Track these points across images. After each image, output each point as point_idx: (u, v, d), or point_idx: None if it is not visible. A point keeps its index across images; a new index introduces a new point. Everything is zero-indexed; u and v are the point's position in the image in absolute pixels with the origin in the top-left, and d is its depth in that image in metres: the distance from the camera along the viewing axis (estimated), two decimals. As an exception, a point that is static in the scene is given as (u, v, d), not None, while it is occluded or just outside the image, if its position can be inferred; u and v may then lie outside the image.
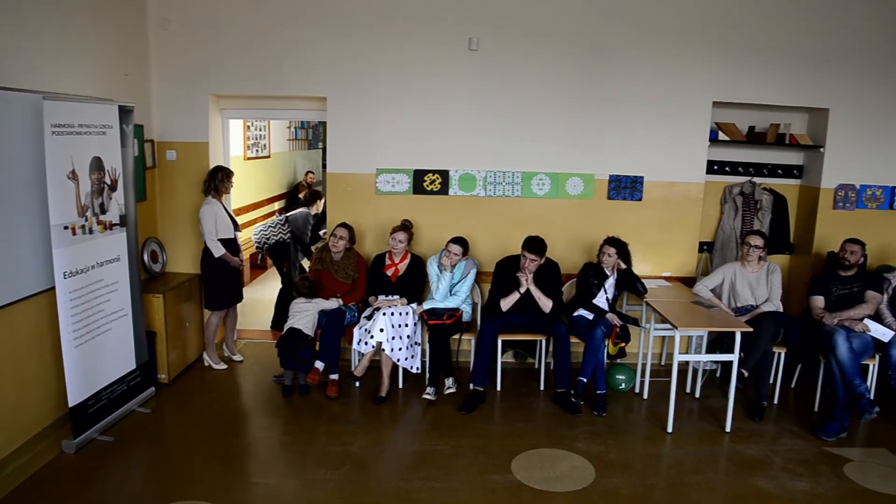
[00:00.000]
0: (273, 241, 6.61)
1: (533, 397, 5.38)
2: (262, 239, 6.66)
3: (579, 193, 5.90)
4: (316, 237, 6.91)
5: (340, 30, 5.60)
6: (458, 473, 4.15)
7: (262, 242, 6.66)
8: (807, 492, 4.07)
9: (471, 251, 5.52)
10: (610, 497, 3.94)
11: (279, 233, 6.64)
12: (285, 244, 6.62)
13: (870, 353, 5.04)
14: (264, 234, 6.68)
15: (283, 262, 6.65)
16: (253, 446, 4.51)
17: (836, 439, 4.74)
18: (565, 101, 5.75)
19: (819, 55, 5.80)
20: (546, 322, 5.25)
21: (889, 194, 6.10)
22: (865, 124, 5.94)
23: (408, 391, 5.36)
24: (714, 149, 6.06)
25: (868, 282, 5.27)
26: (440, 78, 5.68)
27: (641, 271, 5.71)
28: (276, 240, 6.61)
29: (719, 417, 5.00)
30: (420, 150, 5.79)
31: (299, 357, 5.18)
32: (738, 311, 5.33)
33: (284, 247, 6.62)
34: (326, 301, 5.34)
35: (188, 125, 5.72)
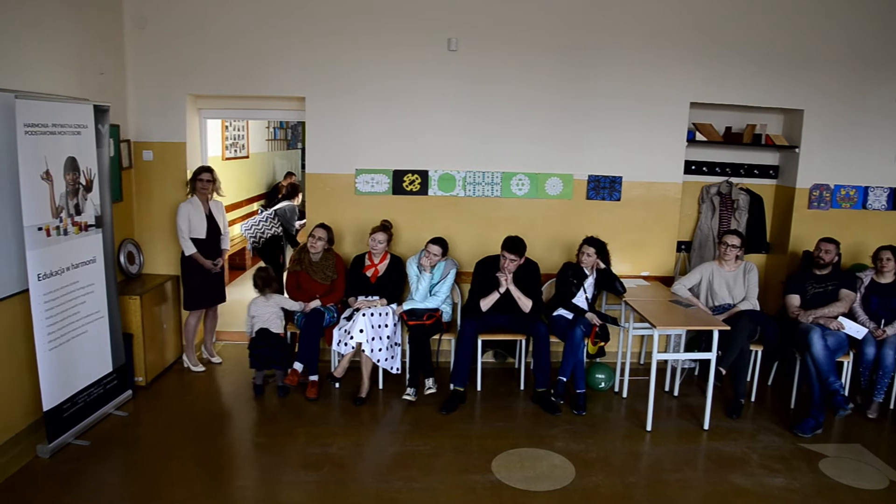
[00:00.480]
0: (269, 235, 6.63)
1: (513, 397, 5.39)
2: (257, 234, 6.65)
3: (558, 193, 5.92)
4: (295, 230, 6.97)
5: (319, 30, 5.58)
6: (438, 474, 4.14)
7: (258, 238, 6.65)
8: (783, 488, 4.12)
9: (450, 251, 5.52)
10: (590, 496, 3.96)
11: (272, 227, 6.65)
12: (278, 237, 6.65)
13: (844, 351, 5.11)
14: (258, 230, 6.67)
15: (278, 255, 6.69)
16: (231, 449, 4.47)
17: (811, 436, 4.80)
18: (544, 101, 5.77)
19: (794, 57, 5.87)
20: (526, 322, 5.26)
21: (862, 194, 6.19)
22: (839, 125, 6.03)
23: (388, 392, 5.35)
24: (691, 149, 6.12)
25: (842, 280, 5.34)
26: (419, 78, 5.68)
27: (620, 271, 5.74)
28: (270, 234, 6.63)
29: (698, 415, 5.04)
30: (399, 151, 5.78)
31: (274, 357, 5.15)
32: (716, 309, 5.37)
33: (277, 240, 6.65)
34: (285, 298, 5.31)
35: (165, 125, 5.66)
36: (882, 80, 5.98)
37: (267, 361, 5.18)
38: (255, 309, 5.25)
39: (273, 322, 5.21)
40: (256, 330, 5.20)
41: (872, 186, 6.18)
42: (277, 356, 5.18)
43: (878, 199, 6.21)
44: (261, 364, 5.20)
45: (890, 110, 6.05)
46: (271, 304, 5.25)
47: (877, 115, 6.04)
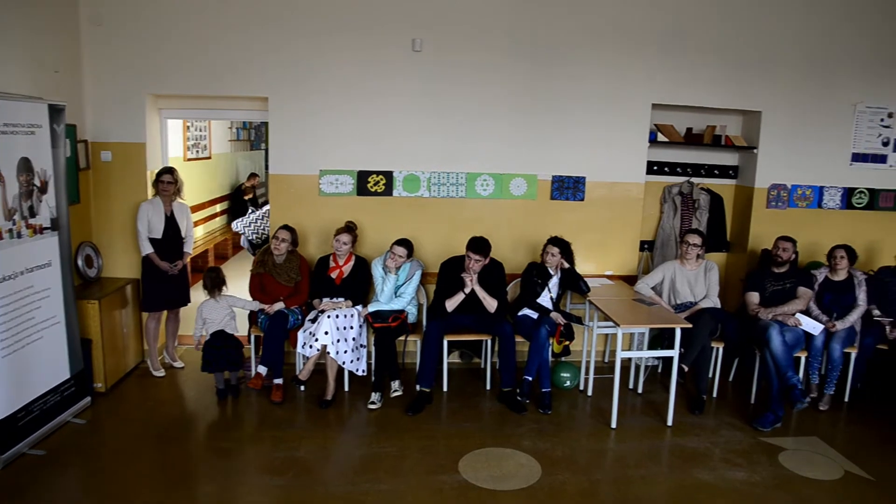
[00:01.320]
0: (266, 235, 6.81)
1: (479, 397, 5.40)
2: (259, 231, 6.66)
3: (523, 194, 5.95)
4: None
5: (283, 29, 5.52)
6: (405, 475, 4.13)
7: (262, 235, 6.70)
8: (744, 481, 4.20)
9: (415, 252, 5.51)
10: (556, 493, 3.99)
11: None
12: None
13: (801, 347, 5.24)
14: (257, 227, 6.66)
15: None
16: (195, 455, 4.39)
17: (771, 429, 4.91)
18: (508, 102, 5.80)
19: (752, 60, 5.99)
20: (491, 322, 5.28)
21: (818, 193, 6.34)
22: (795, 126, 6.17)
23: (354, 394, 5.32)
24: (653, 150, 6.20)
25: (800, 278, 5.46)
26: (384, 79, 5.65)
27: (584, 270, 5.79)
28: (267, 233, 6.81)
29: (661, 412, 5.11)
30: (364, 152, 5.75)
31: (228, 358, 5.10)
32: (678, 307, 5.45)
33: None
34: (235, 297, 5.25)
35: (124, 125, 5.55)
36: (836, 83, 6.14)
37: (225, 364, 5.12)
38: (206, 311, 5.16)
39: (228, 323, 5.15)
40: (212, 332, 5.13)
41: (827, 186, 6.34)
42: (232, 357, 5.12)
43: (832, 199, 6.37)
44: (216, 367, 5.12)
45: (844, 112, 6.22)
46: (223, 305, 5.18)
47: (831, 116, 6.20)
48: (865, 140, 6.31)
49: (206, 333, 5.12)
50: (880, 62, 6.15)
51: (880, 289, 5.54)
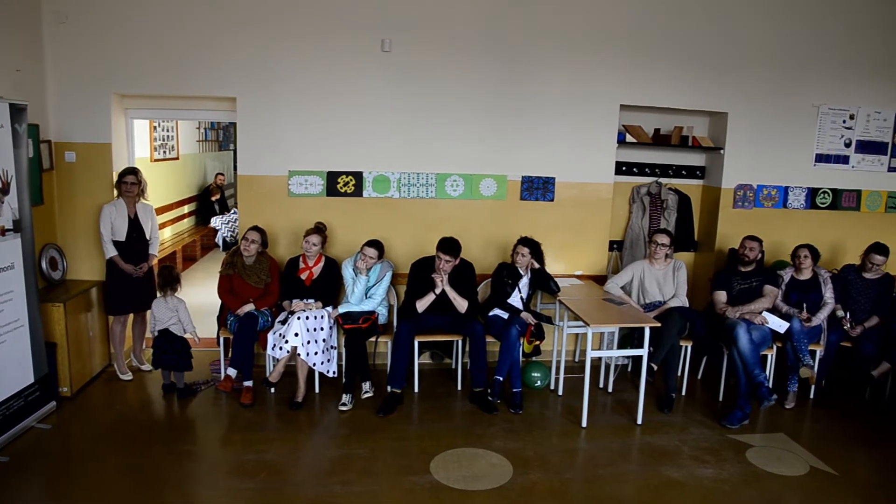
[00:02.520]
0: None
1: (450, 397, 5.40)
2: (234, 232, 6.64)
3: (493, 194, 5.97)
4: None
5: (251, 29, 5.47)
6: (376, 476, 4.11)
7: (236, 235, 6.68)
8: (713, 478, 4.25)
9: (386, 253, 5.49)
10: (527, 493, 4.00)
11: None
12: None
13: (768, 344, 5.32)
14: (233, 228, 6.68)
15: None
16: (163, 458, 4.31)
17: (738, 427, 4.98)
18: (478, 102, 5.81)
19: (718, 62, 6.08)
20: (462, 322, 5.28)
21: (783, 193, 6.46)
22: (761, 127, 6.27)
23: (324, 395, 5.28)
24: (622, 150, 6.26)
25: (766, 277, 5.55)
26: (353, 79, 5.63)
27: (554, 270, 5.83)
28: None
29: (631, 410, 5.15)
30: (333, 152, 5.72)
31: (172, 357, 5.07)
32: (647, 307, 5.51)
33: None
34: (184, 308, 5.19)
35: (89, 125, 5.45)
36: (799, 86, 6.26)
37: (168, 363, 5.10)
38: (156, 309, 5.15)
39: (173, 325, 5.12)
40: (158, 330, 5.09)
41: (792, 186, 6.45)
42: (173, 358, 5.08)
43: (797, 199, 6.49)
44: (161, 365, 5.12)
45: (808, 113, 6.33)
46: (171, 306, 5.13)
47: (795, 118, 6.32)
48: (828, 141, 6.44)
49: (153, 330, 5.13)
50: (841, 65, 6.28)
51: (844, 287, 5.66)
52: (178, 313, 5.15)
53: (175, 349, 5.10)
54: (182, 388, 5.18)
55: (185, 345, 5.16)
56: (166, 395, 5.18)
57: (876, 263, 5.55)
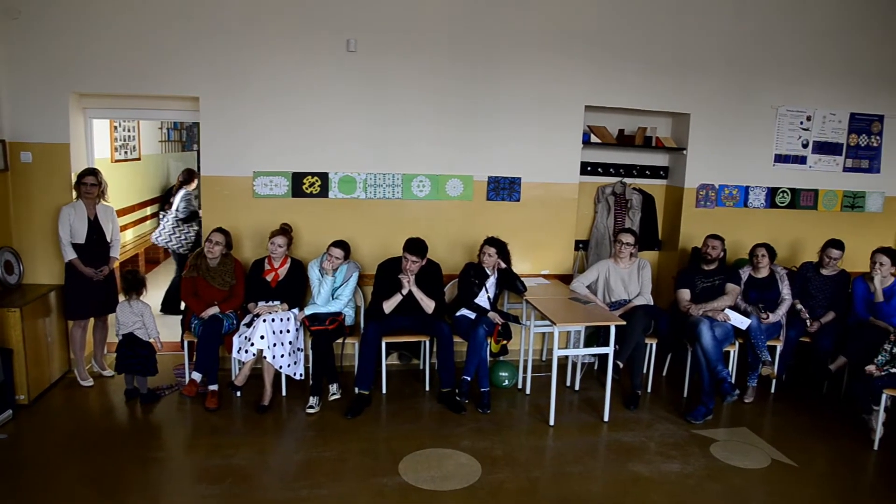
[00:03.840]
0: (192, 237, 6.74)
1: (418, 398, 5.39)
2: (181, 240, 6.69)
3: (459, 195, 5.98)
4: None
5: (214, 27, 5.39)
6: (345, 479, 4.09)
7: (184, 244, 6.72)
8: (678, 473, 4.32)
9: (352, 254, 5.47)
10: (496, 492, 4.01)
11: (189, 229, 6.75)
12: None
13: (730, 341, 5.41)
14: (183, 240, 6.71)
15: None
16: (126, 466, 4.22)
17: (703, 422, 5.06)
18: (444, 103, 5.81)
19: (680, 65, 6.17)
20: (429, 323, 5.28)
21: (744, 193, 6.58)
22: (722, 128, 6.38)
23: (291, 398, 5.23)
24: (587, 150, 6.32)
25: (728, 275, 5.64)
26: (318, 79, 5.59)
27: (521, 270, 5.85)
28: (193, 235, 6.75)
29: (598, 408, 5.20)
30: (298, 153, 5.67)
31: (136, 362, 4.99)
32: (613, 305, 5.57)
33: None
34: (150, 314, 5.11)
35: (45, 125, 5.32)
36: (759, 88, 6.38)
37: (132, 367, 5.03)
38: (119, 313, 5.06)
39: (138, 330, 5.04)
40: (122, 335, 5.01)
41: (752, 186, 6.58)
42: (137, 362, 5.00)
43: (757, 198, 6.61)
44: (125, 369, 5.04)
45: (767, 115, 6.46)
46: (135, 311, 5.04)
47: (755, 119, 6.45)
48: (787, 142, 6.58)
49: (118, 335, 5.04)
50: (798, 68, 6.43)
51: (802, 284, 5.79)
52: (143, 318, 5.05)
53: (140, 354, 5.01)
54: (145, 393, 5.08)
55: (150, 349, 5.07)
56: (129, 401, 5.08)
57: (833, 258, 5.69)
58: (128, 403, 5.06)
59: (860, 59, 6.54)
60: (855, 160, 6.76)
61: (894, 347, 4.80)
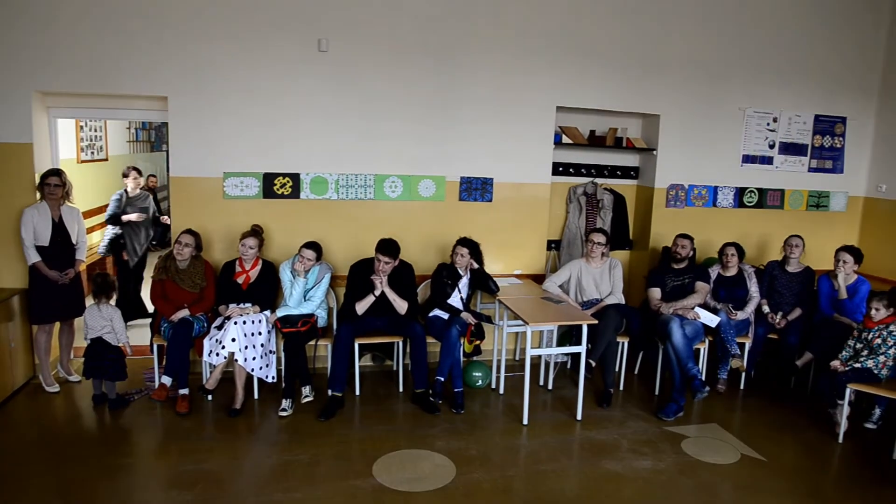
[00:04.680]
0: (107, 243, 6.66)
1: (392, 399, 5.38)
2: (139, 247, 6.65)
3: (431, 195, 5.97)
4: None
5: (183, 25, 5.30)
6: (318, 482, 4.06)
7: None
8: (651, 469, 4.36)
9: (324, 255, 5.43)
10: (471, 492, 4.01)
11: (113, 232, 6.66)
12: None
13: (700, 339, 5.48)
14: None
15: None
16: (94, 474, 4.12)
17: (674, 419, 5.12)
18: (416, 103, 5.80)
19: (650, 66, 6.24)
20: (402, 324, 5.27)
21: (712, 193, 6.67)
22: (691, 129, 6.47)
23: (264, 401, 5.18)
24: (558, 151, 6.36)
25: (697, 273, 5.72)
26: (289, 78, 5.54)
27: (493, 270, 5.87)
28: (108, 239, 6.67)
29: (571, 406, 5.23)
30: (270, 153, 5.61)
31: (105, 367, 4.91)
32: (585, 304, 5.61)
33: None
34: (119, 317, 5.04)
35: (7, 125, 5.18)
36: (726, 89, 6.48)
37: (102, 373, 4.94)
38: (88, 317, 4.97)
39: (107, 334, 4.96)
40: (91, 339, 4.93)
41: (721, 186, 6.67)
42: (107, 367, 4.92)
43: (726, 198, 6.71)
44: (93, 374, 4.95)
45: (734, 116, 6.57)
46: (104, 315, 4.96)
47: (723, 120, 6.55)
48: (754, 143, 6.69)
49: (86, 339, 4.95)
50: (765, 71, 6.54)
51: (769, 282, 5.89)
52: (112, 322, 4.96)
53: (109, 358, 4.92)
54: (114, 398, 4.99)
55: (119, 354, 4.99)
56: (97, 407, 4.98)
57: (793, 245, 5.82)
58: (95, 409, 4.96)
59: (824, 63, 6.68)
60: (819, 161, 6.89)
61: (857, 343, 4.91)
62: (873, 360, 4.73)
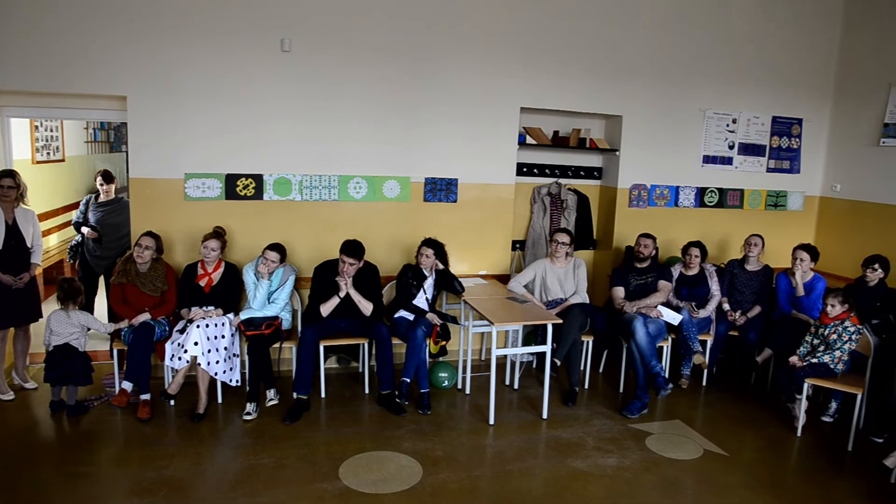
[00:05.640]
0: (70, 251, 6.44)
1: (358, 401, 5.35)
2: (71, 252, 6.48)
3: (396, 196, 5.96)
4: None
5: (142, 23, 5.20)
6: (284, 486, 4.02)
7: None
8: (615, 466, 4.41)
9: (288, 257, 5.39)
10: (438, 493, 4.01)
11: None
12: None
13: (663, 336, 5.56)
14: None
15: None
16: (51, 483, 4.02)
17: (638, 416, 5.18)
18: (380, 104, 5.78)
19: (613, 67, 6.31)
20: (367, 325, 5.25)
21: (674, 193, 6.77)
22: (653, 130, 6.56)
23: (228, 405, 5.12)
24: (523, 152, 6.39)
25: (660, 272, 5.80)
26: (252, 79, 5.48)
27: (458, 271, 5.88)
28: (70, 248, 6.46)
29: (537, 406, 5.26)
30: (232, 154, 5.54)
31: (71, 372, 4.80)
32: (549, 304, 5.65)
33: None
34: (90, 317, 4.96)
35: (-41, 126, 5.06)
36: (688, 91, 6.59)
37: (67, 379, 4.82)
38: (54, 323, 4.84)
39: (75, 340, 4.85)
40: (55, 345, 4.81)
41: (682, 186, 6.77)
42: (76, 372, 4.82)
43: (687, 198, 6.82)
44: (58, 381, 4.82)
45: (694, 118, 6.67)
46: (73, 320, 4.85)
47: (685, 121, 6.65)
48: (714, 144, 6.81)
49: (49, 345, 4.82)
50: (725, 73, 6.66)
51: (729, 280, 6.00)
52: (85, 326, 4.86)
53: (76, 363, 4.80)
54: (73, 405, 4.87)
55: (84, 359, 4.87)
56: (54, 414, 4.86)
57: (753, 244, 5.93)
58: (53, 416, 4.84)
59: (781, 66, 6.83)
60: (777, 161, 7.04)
61: (814, 339, 5.03)
62: (829, 356, 4.85)
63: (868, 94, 6.68)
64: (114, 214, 6.44)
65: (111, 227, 6.41)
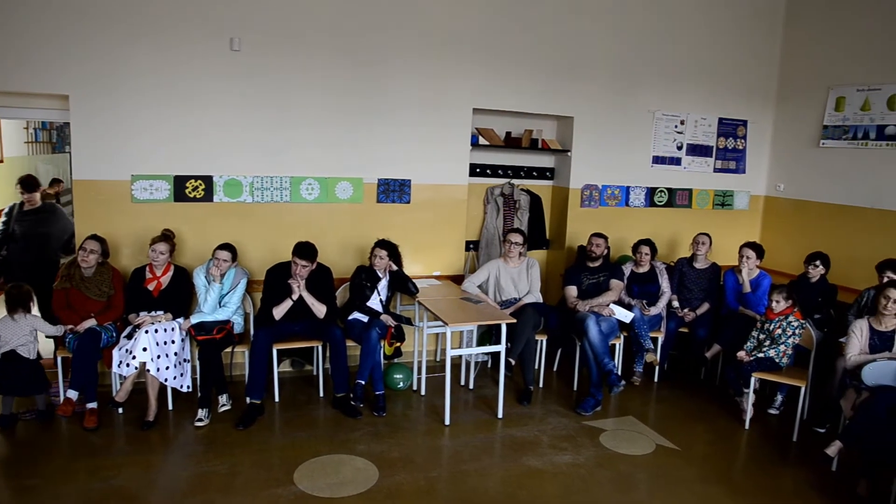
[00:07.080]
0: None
1: (313, 405, 5.29)
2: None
3: (349, 197, 5.91)
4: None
5: (85, 20, 5.04)
6: (238, 493, 3.95)
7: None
8: (570, 463, 4.46)
9: (240, 259, 5.30)
10: (394, 495, 3.99)
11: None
12: None
13: (616, 334, 5.64)
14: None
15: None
16: (-8, 494, 3.92)
17: (592, 413, 5.25)
18: (332, 104, 5.73)
19: (564, 69, 6.38)
20: (321, 327, 5.20)
21: (625, 193, 6.88)
22: (604, 131, 6.66)
23: (178, 412, 5.01)
24: (475, 152, 6.42)
25: (612, 271, 5.89)
26: (200, 78, 5.37)
27: (412, 271, 5.87)
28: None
29: (492, 405, 5.28)
30: (181, 155, 5.42)
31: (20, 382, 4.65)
32: (504, 304, 5.68)
33: None
34: (40, 320, 4.82)
35: None
36: (637, 93, 6.71)
37: (14, 388, 4.66)
38: (2, 329, 4.67)
39: (24, 346, 4.68)
40: (3, 353, 4.64)
41: (633, 186, 6.89)
42: (27, 382, 4.67)
43: (637, 198, 6.94)
44: (7, 391, 4.66)
45: (644, 119, 6.80)
46: (22, 325, 4.69)
47: (634, 122, 6.77)
48: (663, 144, 6.94)
49: None
50: (673, 75, 6.81)
51: (678, 278, 6.12)
52: (35, 331, 4.70)
53: (24, 369, 4.64)
54: (7, 415, 4.69)
55: (34, 366, 4.71)
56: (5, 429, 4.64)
57: (701, 242, 6.08)
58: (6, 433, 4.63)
59: (726, 68, 7.01)
60: (724, 161, 7.22)
61: (760, 334, 5.17)
62: (775, 350, 4.98)
63: (808, 97, 6.91)
64: (42, 224, 5.96)
65: (40, 237, 5.94)
